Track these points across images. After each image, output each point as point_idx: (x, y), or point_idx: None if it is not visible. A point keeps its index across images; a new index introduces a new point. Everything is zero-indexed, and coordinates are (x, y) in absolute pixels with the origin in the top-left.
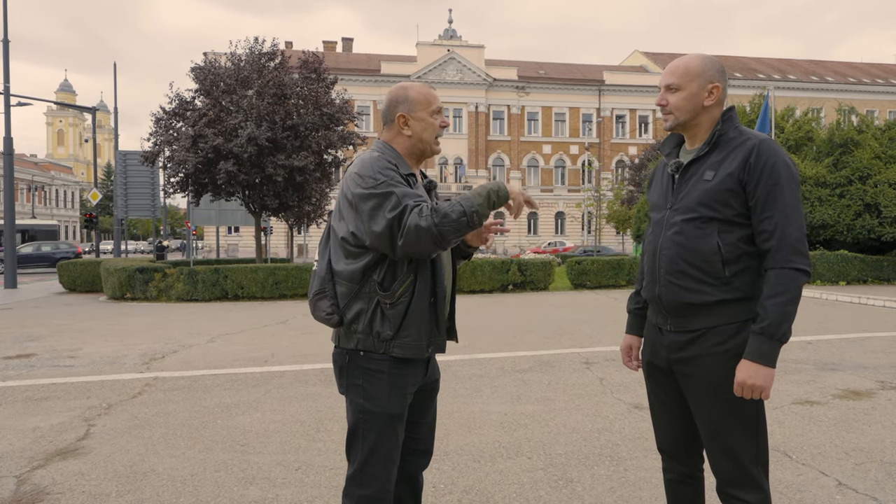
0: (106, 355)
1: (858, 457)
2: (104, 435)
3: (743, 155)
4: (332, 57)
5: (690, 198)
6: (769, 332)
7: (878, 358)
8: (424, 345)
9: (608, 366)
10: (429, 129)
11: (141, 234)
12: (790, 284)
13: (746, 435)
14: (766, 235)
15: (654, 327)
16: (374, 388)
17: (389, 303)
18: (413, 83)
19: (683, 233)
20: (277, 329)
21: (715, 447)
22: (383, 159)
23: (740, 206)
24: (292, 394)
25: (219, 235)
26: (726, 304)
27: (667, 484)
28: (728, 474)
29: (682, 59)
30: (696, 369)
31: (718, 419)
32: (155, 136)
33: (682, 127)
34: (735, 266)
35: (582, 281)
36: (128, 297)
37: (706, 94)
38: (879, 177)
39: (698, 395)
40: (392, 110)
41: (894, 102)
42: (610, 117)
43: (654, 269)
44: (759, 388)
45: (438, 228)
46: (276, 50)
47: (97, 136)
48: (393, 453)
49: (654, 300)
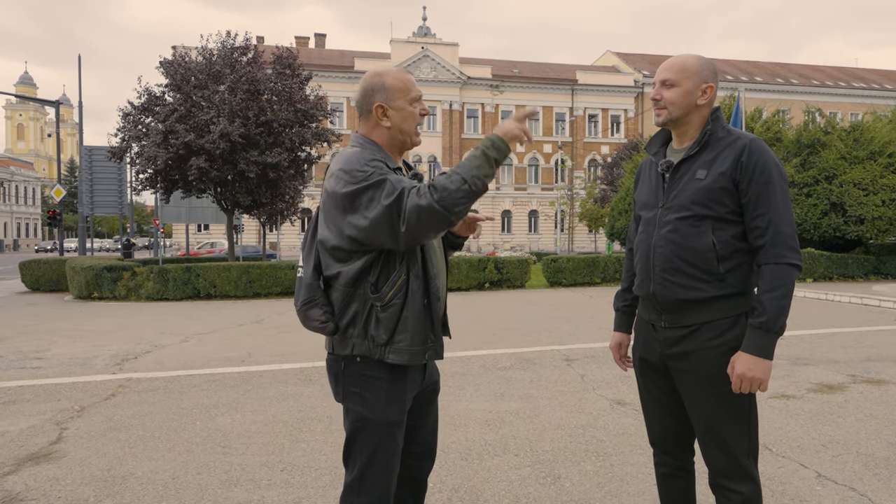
0: (75, 356)
1: (835, 449)
2: (78, 438)
3: (735, 154)
4: (305, 53)
5: (684, 196)
6: (767, 326)
7: (847, 353)
8: (420, 350)
9: (589, 362)
10: (409, 119)
11: (106, 232)
12: (785, 279)
13: (739, 427)
14: (759, 232)
15: (647, 324)
16: (371, 396)
17: (381, 305)
18: (388, 69)
19: (678, 231)
20: (253, 328)
21: (708, 440)
22: (366, 152)
23: (733, 204)
24: (272, 394)
25: (188, 233)
26: (721, 300)
27: (659, 478)
28: (721, 466)
29: (679, 56)
30: (691, 364)
31: (712, 412)
32: (123, 131)
33: (674, 123)
34: (729, 262)
35: (558, 279)
36: (95, 296)
37: (700, 92)
38: (845, 177)
39: (693, 388)
40: (368, 100)
41: (856, 105)
42: (583, 116)
43: (649, 266)
44: (759, 380)
45: (441, 204)
46: (248, 45)
47: (60, 131)
48: (392, 461)
49: (648, 297)
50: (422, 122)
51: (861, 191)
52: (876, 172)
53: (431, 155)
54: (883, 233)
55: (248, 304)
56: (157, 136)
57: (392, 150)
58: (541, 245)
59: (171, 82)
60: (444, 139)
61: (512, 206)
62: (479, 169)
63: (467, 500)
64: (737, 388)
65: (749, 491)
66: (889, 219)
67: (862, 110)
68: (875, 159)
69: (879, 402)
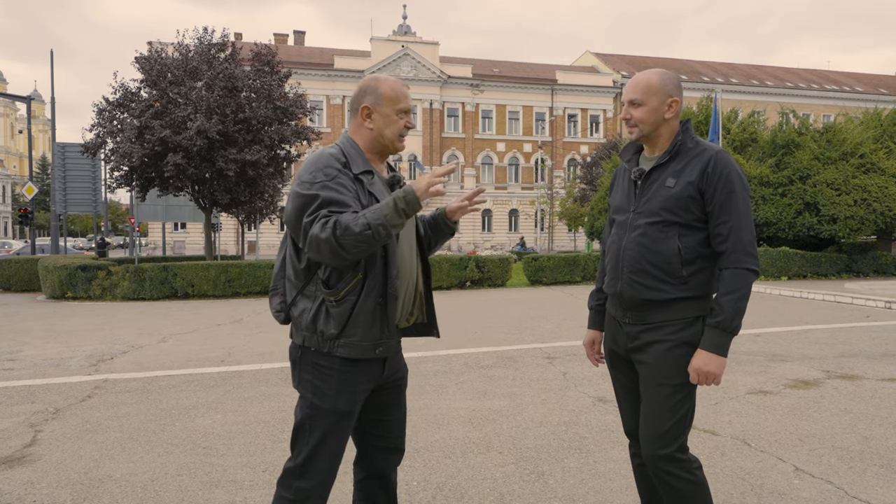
0: (49, 357)
1: (812, 443)
2: (53, 441)
3: (702, 165)
4: (284, 50)
5: (654, 203)
6: (723, 326)
7: (822, 349)
8: (370, 346)
9: (570, 360)
10: (391, 127)
11: (79, 231)
12: (742, 283)
13: (675, 415)
14: (721, 238)
15: (614, 320)
16: (323, 385)
17: (334, 300)
18: (389, 77)
19: (647, 235)
20: (232, 328)
21: (644, 422)
22: (331, 157)
23: (699, 212)
24: (253, 394)
25: (165, 232)
26: (682, 302)
27: (635, 468)
28: (657, 461)
29: (644, 75)
30: (647, 355)
31: (657, 400)
32: (97, 126)
33: (646, 138)
34: (692, 266)
35: (538, 277)
36: (69, 296)
37: (666, 107)
38: (818, 177)
39: (646, 379)
40: (358, 100)
41: (828, 107)
42: (562, 116)
43: (618, 267)
44: (713, 374)
45: (339, 241)
46: (226, 41)
47: (32, 128)
48: (338, 450)
49: (615, 295)
50: (405, 134)
51: (834, 191)
52: (848, 173)
53: (412, 154)
54: (855, 232)
55: (227, 304)
56: (132, 131)
57: (373, 153)
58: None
59: (146, 78)
60: (425, 138)
61: (492, 205)
62: (387, 218)
63: (452, 498)
64: (693, 380)
65: (682, 485)
66: (860, 218)
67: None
68: (847, 160)
69: (853, 396)
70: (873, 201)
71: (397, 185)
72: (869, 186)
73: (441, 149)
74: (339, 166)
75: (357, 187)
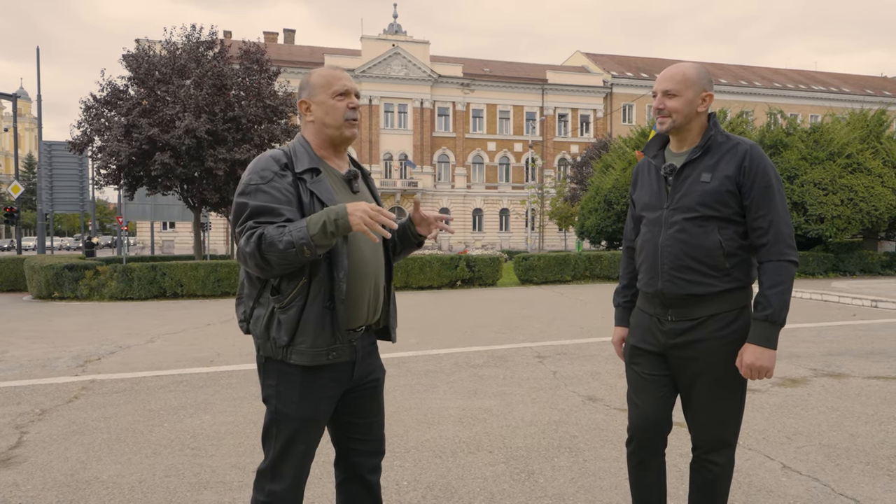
0: (35, 358)
1: (799, 441)
2: (39, 442)
3: (738, 159)
4: (274, 48)
5: (690, 198)
6: (772, 319)
7: (809, 347)
8: (323, 352)
9: (560, 359)
10: (331, 113)
11: (66, 230)
12: (786, 275)
13: (735, 410)
14: (761, 232)
15: (651, 317)
16: (286, 391)
17: (280, 307)
18: (321, 68)
19: (686, 230)
20: (221, 328)
21: (704, 421)
22: (271, 159)
23: (736, 206)
24: (242, 394)
25: (153, 231)
26: (727, 294)
27: (632, 468)
28: (711, 444)
29: (680, 66)
30: (697, 352)
31: (715, 396)
32: (84, 124)
33: (677, 130)
34: (734, 258)
35: (529, 277)
36: (56, 296)
37: (700, 100)
38: (805, 177)
39: (697, 374)
40: (297, 98)
41: (815, 107)
42: (553, 116)
43: (657, 265)
44: (766, 368)
45: (264, 256)
46: (214, 39)
47: (17, 126)
48: (306, 454)
49: (656, 294)
50: (352, 116)
51: (821, 190)
52: (835, 173)
53: (403, 153)
54: (841, 231)
55: (216, 304)
56: (120, 130)
57: (324, 147)
58: (512, 243)
59: (134, 76)
60: (416, 137)
61: (483, 204)
62: (314, 238)
63: (442, 498)
64: (746, 375)
65: (726, 460)
66: (847, 218)
67: (821, 112)
68: (834, 160)
69: (840, 394)
70: (860, 201)
71: (354, 179)
72: (855, 186)
73: (432, 148)
74: (278, 168)
75: (300, 187)
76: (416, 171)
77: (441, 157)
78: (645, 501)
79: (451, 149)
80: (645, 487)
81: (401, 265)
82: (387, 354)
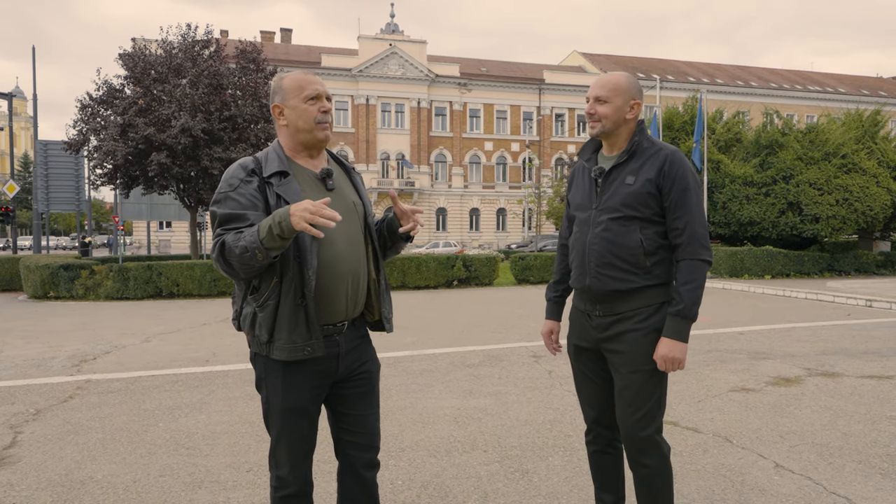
0: (30, 358)
1: (792, 439)
2: (34, 442)
3: (658, 163)
4: (271, 48)
5: (615, 199)
6: (683, 314)
7: (803, 347)
8: (300, 347)
9: (556, 359)
10: (303, 117)
11: (62, 230)
12: (698, 273)
13: (657, 401)
14: (678, 232)
15: (583, 313)
16: (272, 384)
17: (258, 306)
18: (292, 72)
19: (610, 230)
20: (217, 327)
21: (629, 413)
22: (239, 166)
23: (657, 207)
24: (238, 394)
25: (150, 231)
26: (647, 290)
27: (590, 455)
28: (636, 439)
29: (611, 75)
30: (621, 344)
31: (635, 387)
32: (80, 123)
33: (606, 135)
34: (654, 257)
35: (525, 276)
36: (51, 295)
37: (629, 108)
38: (801, 177)
39: (622, 366)
40: (270, 104)
41: (811, 108)
42: (550, 115)
43: (584, 262)
44: (678, 360)
45: (227, 261)
46: (210, 38)
47: (13, 125)
48: (297, 444)
49: (584, 290)
50: (323, 119)
51: (816, 190)
52: (830, 173)
53: (400, 153)
54: (836, 231)
55: (212, 303)
56: (116, 129)
57: (298, 150)
58: (509, 243)
59: (130, 75)
60: (413, 137)
61: (480, 203)
62: (263, 241)
63: (436, 497)
64: (661, 367)
65: (656, 463)
66: (842, 217)
67: (817, 113)
68: (829, 160)
69: (833, 394)
70: (855, 201)
71: (328, 177)
72: (850, 186)
73: (429, 148)
74: (244, 175)
75: (267, 190)
76: (414, 170)
77: (438, 157)
78: (603, 484)
79: (449, 148)
80: (602, 469)
81: (397, 265)
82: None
